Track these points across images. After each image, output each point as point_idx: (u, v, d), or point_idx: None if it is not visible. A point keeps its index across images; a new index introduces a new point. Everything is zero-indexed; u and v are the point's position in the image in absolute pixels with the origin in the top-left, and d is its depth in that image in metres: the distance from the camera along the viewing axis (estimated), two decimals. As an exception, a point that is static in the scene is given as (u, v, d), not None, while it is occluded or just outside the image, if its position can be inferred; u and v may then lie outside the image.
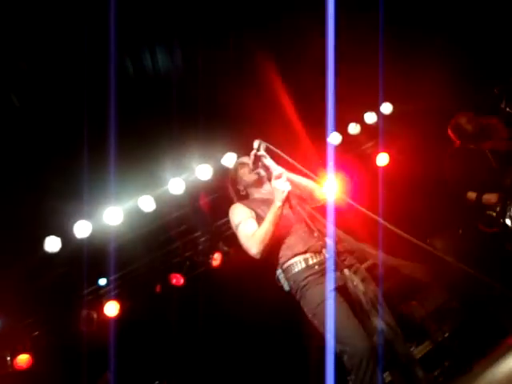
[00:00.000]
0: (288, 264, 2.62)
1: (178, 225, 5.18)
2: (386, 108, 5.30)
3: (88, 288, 4.99)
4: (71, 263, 4.61)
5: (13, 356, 4.69)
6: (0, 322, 4.52)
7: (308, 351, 4.23)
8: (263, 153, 2.67)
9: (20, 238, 4.22)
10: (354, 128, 5.33)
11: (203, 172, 4.74)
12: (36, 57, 3.45)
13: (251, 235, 2.62)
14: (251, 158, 2.72)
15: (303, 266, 2.56)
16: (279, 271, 2.67)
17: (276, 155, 2.71)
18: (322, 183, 4.83)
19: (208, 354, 5.10)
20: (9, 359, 4.68)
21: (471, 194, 3.85)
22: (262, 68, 4.21)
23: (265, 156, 2.67)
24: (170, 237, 5.24)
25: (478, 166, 3.91)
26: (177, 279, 5.23)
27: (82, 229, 4.44)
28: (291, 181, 2.67)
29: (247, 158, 2.87)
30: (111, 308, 5.01)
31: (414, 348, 4.24)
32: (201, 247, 5.35)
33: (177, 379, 4.98)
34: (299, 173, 2.78)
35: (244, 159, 2.98)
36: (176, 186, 4.70)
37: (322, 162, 4.68)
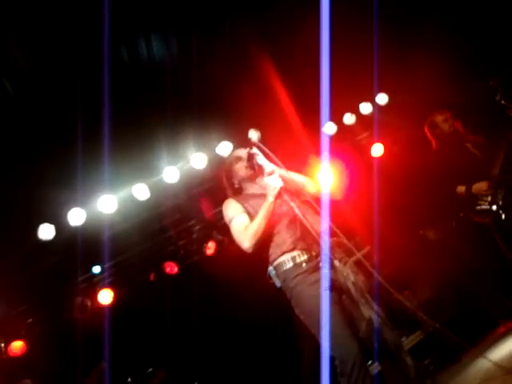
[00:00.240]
0: (277, 262, 2.69)
1: (173, 213, 5.19)
2: (382, 99, 5.30)
3: (82, 276, 5.00)
4: (65, 251, 4.61)
5: (7, 343, 4.71)
6: (-6, 309, 4.53)
7: (302, 340, 4.27)
8: (256, 151, 2.78)
9: (14, 226, 4.21)
10: (349, 118, 5.33)
11: (198, 161, 4.73)
12: (30, 45, 3.41)
13: (244, 230, 2.71)
14: (245, 157, 2.85)
15: (291, 265, 2.64)
16: (271, 268, 2.74)
17: (270, 151, 2.78)
18: (317, 173, 4.86)
19: (202, 342, 5.14)
20: (3, 346, 4.70)
21: (461, 188, 3.92)
22: (257, 57, 4.19)
23: (257, 154, 2.78)
24: (164, 225, 5.24)
25: (462, 160, 3.96)
26: (171, 268, 5.25)
27: (76, 217, 4.43)
28: (283, 177, 2.76)
29: (242, 151, 2.94)
30: (105, 296, 5.02)
31: (406, 338, 4.29)
32: (195, 236, 5.36)
33: (171, 367, 5.02)
34: (291, 168, 2.85)
35: (239, 152, 3.02)
36: (170, 175, 4.69)
37: (317, 152, 4.70)
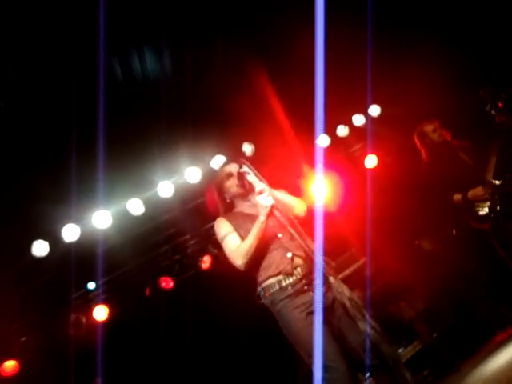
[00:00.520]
0: (265, 284, 2.73)
1: (167, 228, 5.17)
2: (374, 110, 5.34)
3: (77, 292, 4.95)
4: (60, 267, 4.57)
5: None
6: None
7: (297, 356, 4.24)
8: (246, 169, 2.79)
9: (8, 243, 4.18)
10: (343, 130, 5.36)
11: (192, 175, 4.74)
12: (24, 60, 3.43)
13: (236, 248, 2.75)
14: (235, 175, 2.85)
15: (277, 288, 2.67)
16: (259, 289, 2.77)
17: (261, 169, 2.79)
18: (311, 185, 4.88)
19: (198, 358, 5.09)
20: (-5, 365, 4.62)
21: (457, 196, 3.96)
22: (251, 70, 4.22)
23: (248, 173, 2.79)
24: (159, 240, 5.22)
25: (454, 168, 4.00)
26: (166, 282, 5.21)
27: (71, 232, 4.41)
28: (273, 196, 2.76)
29: (233, 167, 2.96)
30: (100, 312, 4.97)
31: (403, 349, 4.27)
32: (190, 250, 5.33)
33: (166, 382, 4.96)
34: (285, 181, 2.87)
35: (230, 168, 3.02)
36: (165, 189, 4.69)
37: (311, 164, 4.71)
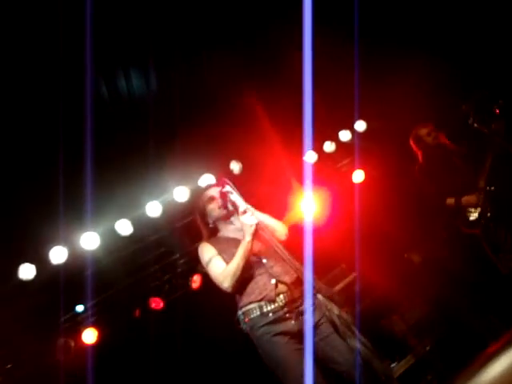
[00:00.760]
0: (245, 309, 2.71)
1: (156, 248, 5.13)
2: (360, 126, 5.40)
3: (65, 315, 4.85)
4: (47, 290, 4.49)
5: (-16, 391, 4.52)
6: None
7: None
8: (229, 189, 2.76)
9: (-7, 266, 4.11)
10: (330, 146, 5.41)
11: (180, 194, 4.72)
12: (9, 80, 3.42)
13: (222, 271, 2.72)
14: (218, 196, 2.84)
15: (258, 313, 2.65)
16: (239, 313, 2.75)
17: (249, 186, 2.78)
18: (300, 201, 4.89)
19: (189, 379, 5.01)
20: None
21: (450, 200, 3.99)
22: (238, 87, 4.26)
23: (231, 192, 2.76)
24: (149, 260, 5.17)
25: (448, 172, 4.05)
26: (156, 303, 5.15)
27: (58, 255, 4.35)
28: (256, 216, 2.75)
29: (215, 190, 2.94)
30: (89, 335, 4.88)
31: (397, 363, 4.25)
32: (180, 270, 5.28)
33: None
34: (263, 210, 2.86)
35: (212, 192, 3.01)
36: (153, 209, 4.67)
37: (299, 181, 4.74)
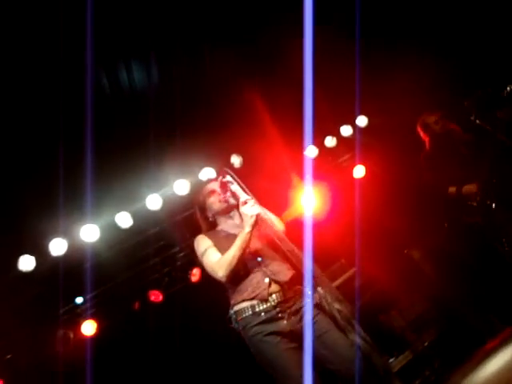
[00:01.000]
0: (237, 308, 2.67)
1: (156, 241, 5.13)
2: (362, 121, 5.39)
3: (64, 307, 4.88)
4: (46, 282, 4.51)
5: (-17, 381, 4.53)
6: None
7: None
8: (229, 179, 2.71)
9: (-7, 258, 4.12)
10: (331, 141, 5.40)
11: (181, 187, 4.72)
12: (9, 73, 3.41)
13: (218, 260, 2.66)
14: (218, 187, 2.79)
15: (250, 313, 2.62)
16: (231, 312, 2.72)
17: (250, 180, 2.75)
18: (300, 196, 4.89)
19: (188, 371, 5.03)
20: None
21: (452, 189, 3.95)
22: (240, 82, 4.24)
23: (231, 182, 2.71)
24: (148, 253, 5.18)
25: (454, 161, 4.01)
26: (155, 296, 5.16)
27: (58, 247, 4.35)
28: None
29: (215, 184, 2.91)
30: (88, 327, 4.90)
31: (395, 359, 4.26)
32: (179, 263, 5.29)
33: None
34: (262, 205, 2.79)
35: (212, 186, 2.97)
36: (153, 202, 4.67)
37: (300, 175, 4.73)
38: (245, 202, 2.64)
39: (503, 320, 3.78)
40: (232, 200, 2.78)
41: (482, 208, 3.79)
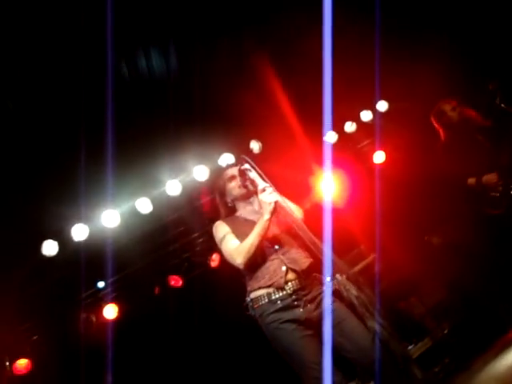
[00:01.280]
0: (254, 295, 2.68)
1: (176, 226, 5.17)
2: (382, 106, 5.31)
3: (86, 291, 4.96)
4: (69, 267, 4.59)
5: (12, 361, 4.66)
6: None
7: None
8: (247, 167, 2.70)
9: (17, 243, 4.20)
10: (350, 126, 5.34)
11: (200, 173, 4.73)
12: (32, 61, 3.44)
13: (236, 247, 2.67)
14: (237, 174, 2.79)
15: (266, 301, 2.62)
16: (248, 299, 2.73)
17: (269, 167, 2.74)
18: (320, 182, 4.86)
19: (207, 355, 5.09)
20: (8, 364, 4.65)
21: (471, 180, 3.83)
22: (258, 67, 4.21)
23: (249, 170, 2.70)
24: (168, 238, 5.23)
25: (471, 150, 3.89)
26: (175, 281, 5.22)
27: (80, 232, 4.42)
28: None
29: (235, 170, 2.90)
30: (110, 311, 4.99)
31: (414, 346, 4.25)
32: (199, 248, 5.33)
33: (176, 382, 4.97)
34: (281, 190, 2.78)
35: (232, 171, 2.96)
36: (173, 188, 4.69)
37: (319, 161, 4.70)
38: (263, 190, 2.64)
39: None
40: (251, 187, 2.78)
41: (505, 198, 3.67)
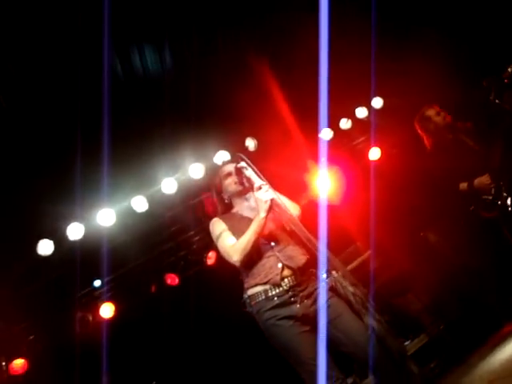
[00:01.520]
0: (251, 292, 2.69)
1: (172, 224, 5.17)
2: (377, 102, 5.32)
3: (82, 290, 4.96)
4: (65, 266, 4.59)
5: (8, 361, 4.65)
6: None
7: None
8: (243, 165, 2.70)
9: (12, 242, 4.19)
10: (346, 123, 5.34)
11: (196, 171, 4.73)
12: (26, 59, 3.42)
13: (232, 245, 2.68)
14: (234, 172, 2.80)
15: (263, 298, 2.63)
16: (245, 296, 2.73)
17: (264, 164, 2.74)
18: (315, 179, 4.87)
19: (204, 354, 5.10)
20: (4, 364, 4.64)
21: (463, 185, 3.81)
22: (254, 65, 4.21)
23: (246, 168, 2.70)
24: (164, 237, 5.22)
25: (460, 153, 3.86)
26: (172, 279, 5.22)
27: (75, 231, 4.41)
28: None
29: (231, 166, 2.90)
30: (106, 310, 4.98)
31: (410, 342, 4.26)
32: (195, 246, 5.33)
33: (172, 380, 4.97)
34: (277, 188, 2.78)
35: (229, 168, 2.97)
36: (169, 186, 4.68)
37: (315, 158, 4.70)
38: (259, 188, 2.64)
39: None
40: (247, 185, 2.78)
41: (498, 200, 3.64)
